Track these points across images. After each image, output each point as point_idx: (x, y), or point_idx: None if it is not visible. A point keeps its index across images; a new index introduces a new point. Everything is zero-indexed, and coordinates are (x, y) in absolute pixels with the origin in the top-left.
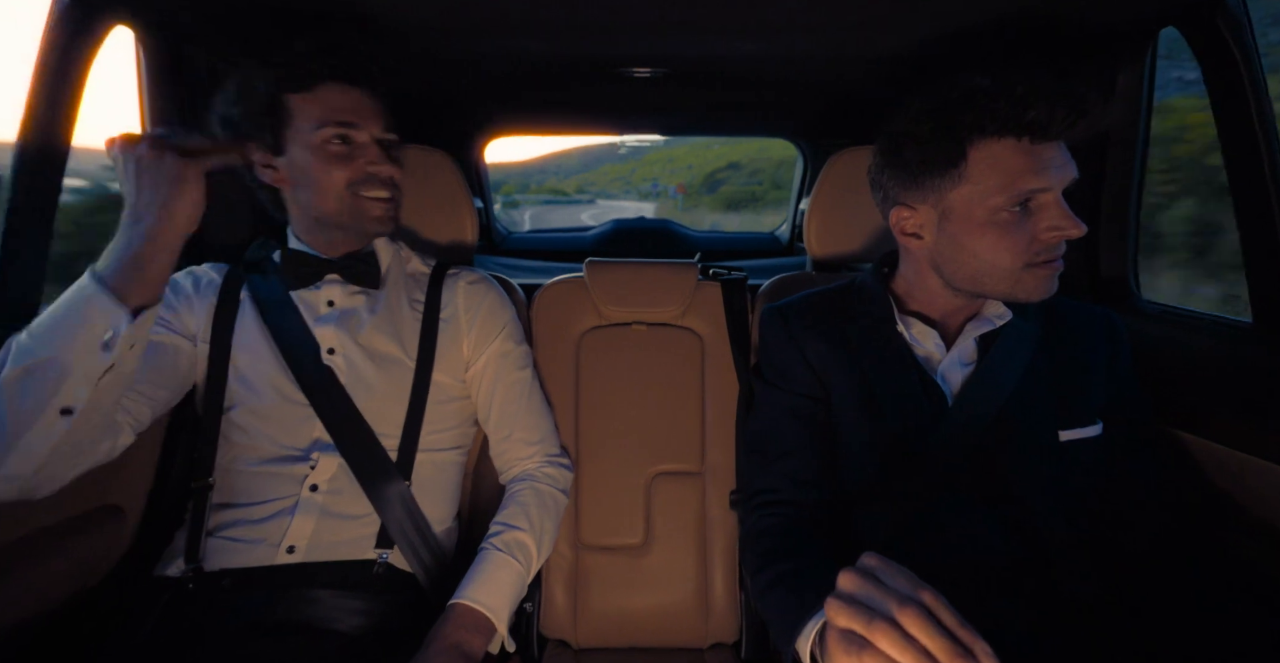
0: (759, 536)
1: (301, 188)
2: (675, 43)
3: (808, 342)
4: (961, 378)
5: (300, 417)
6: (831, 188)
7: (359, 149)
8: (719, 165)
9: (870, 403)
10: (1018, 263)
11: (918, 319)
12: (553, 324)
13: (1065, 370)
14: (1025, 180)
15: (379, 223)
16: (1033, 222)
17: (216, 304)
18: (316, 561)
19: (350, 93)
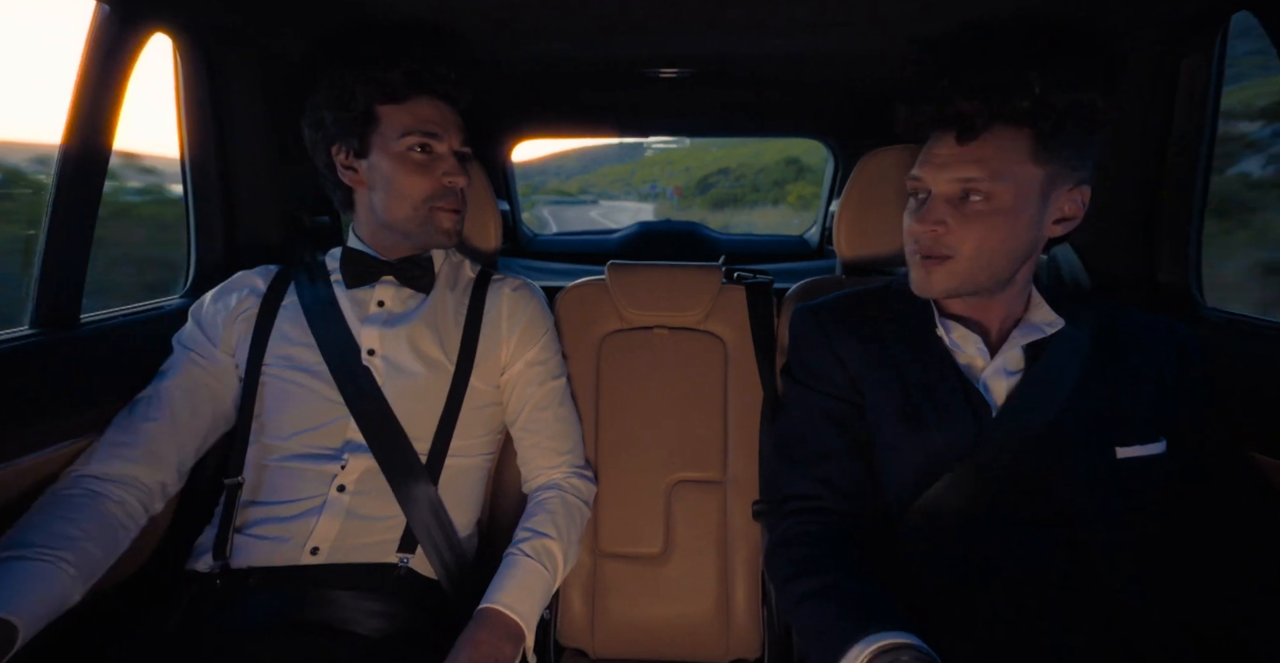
0: (791, 543)
1: (378, 191)
2: (702, 42)
3: (842, 342)
4: (1007, 387)
5: (335, 416)
6: (863, 188)
7: (438, 160)
8: (711, 171)
9: (909, 410)
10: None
11: (959, 324)
12: (574, 327)
13: (1123, 383)
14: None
15: (447, 235)
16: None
17: (260, 308)
18: (339, 562)
19: (437, 105)
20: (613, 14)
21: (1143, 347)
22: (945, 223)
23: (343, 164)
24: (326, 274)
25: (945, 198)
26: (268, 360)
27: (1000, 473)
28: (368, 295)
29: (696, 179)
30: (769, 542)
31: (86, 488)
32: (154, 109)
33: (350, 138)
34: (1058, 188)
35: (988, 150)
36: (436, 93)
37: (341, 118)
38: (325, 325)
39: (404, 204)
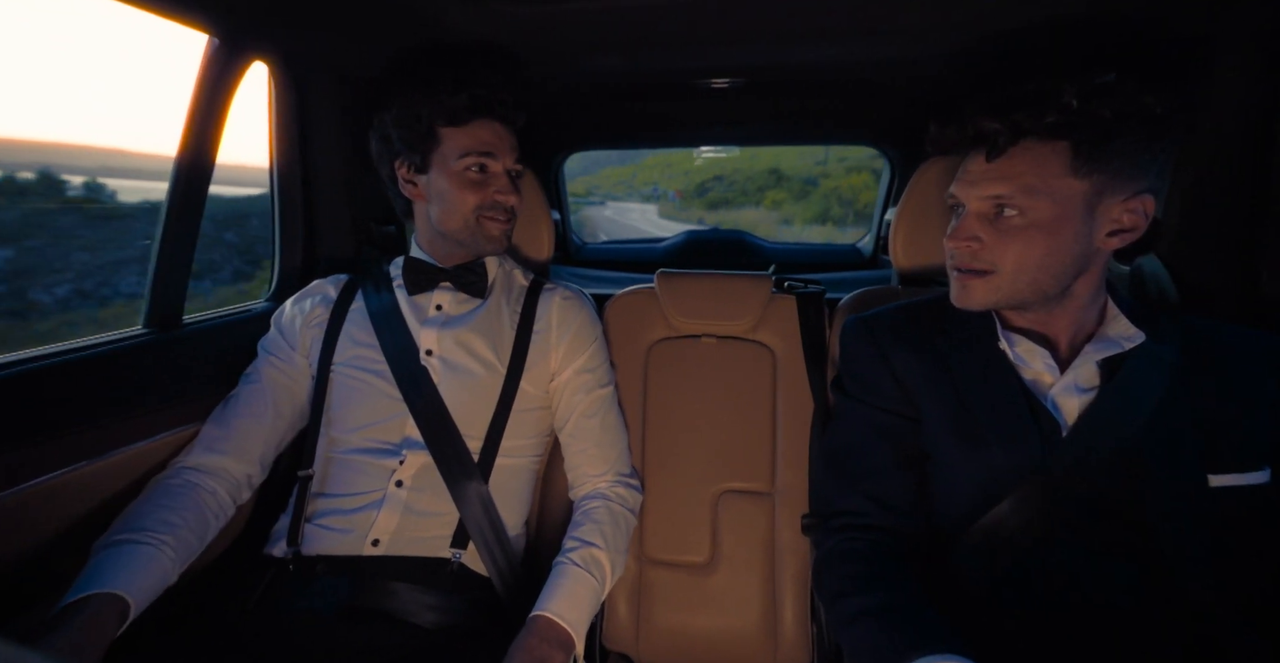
0: (841, 559)
1: (434, 204)
2: (755, 52)
3: (896, 355)
4: (1079, 405)
5: (395, 413)
6: (921, 197)
7: (492, 178)
8: (707, 177)
9: (968, 427)
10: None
11: (1024, 337)
12: (622, 334)
13: (1217, 404)
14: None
15: (494, 243)
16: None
17: (331, 313)
18: (397, 555)
19: (494, 128)
20: (665, 27)
21: (1240, 365)
22: (979, 239)
23: (404, 178)
24: (390, 281)
25: (979, 214)
26: (336, 361)
27: (1070, 495)
28: (427, 300)
29: (695, 183)
30: (817, 557)
31: (186, 479)
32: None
33: (413, 154)
34: (1107, 200)
35: (1019, 166)
36: (495, 115)
37: (406, 136)
38: (388, 329)
39: (456, 216)
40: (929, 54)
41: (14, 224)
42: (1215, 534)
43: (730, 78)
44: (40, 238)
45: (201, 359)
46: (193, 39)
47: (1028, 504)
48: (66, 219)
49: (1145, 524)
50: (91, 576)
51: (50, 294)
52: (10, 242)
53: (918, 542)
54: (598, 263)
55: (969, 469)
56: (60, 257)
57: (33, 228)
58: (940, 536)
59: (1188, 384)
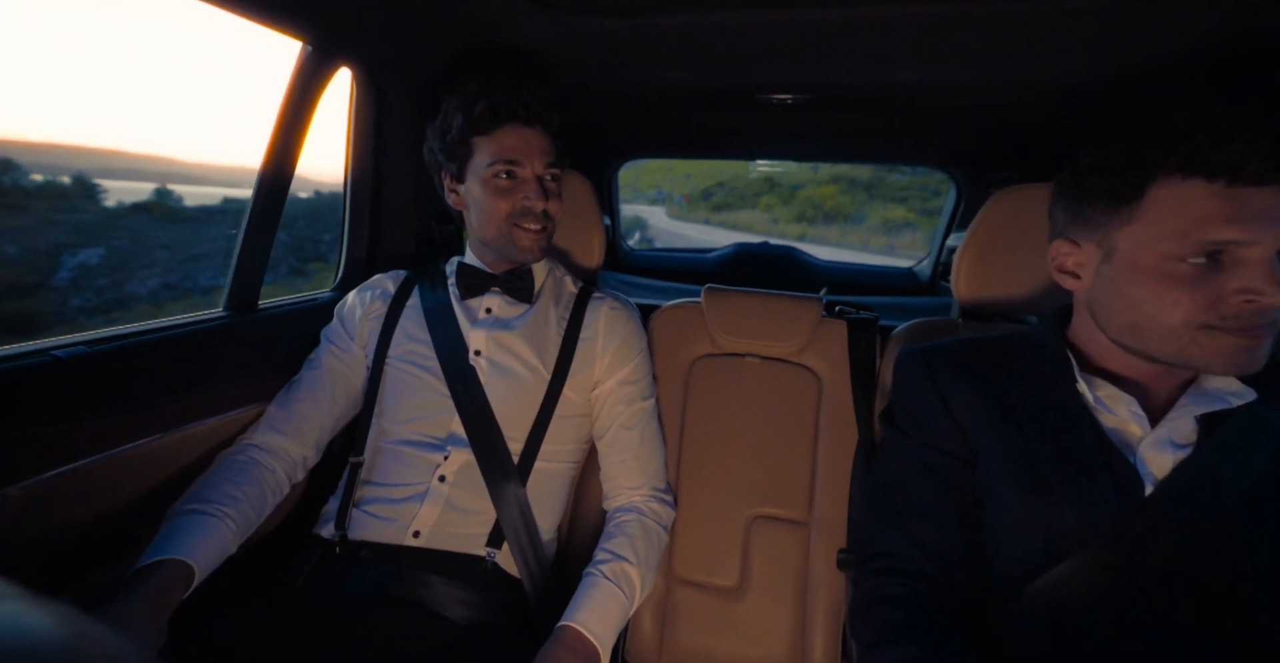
0: (879, 603)
1: (472, 212)
2: (822, 71)
3: (955, 391)
4: (1171, 463)
5: (442, 408)
6: (992, 227)
7: (521, 184)
8: (710, 183)
9: (1033, 476)
10: (1190, 322)
11: (1106, 381)
12: (666, 348)
13: None
14: (1213, 229)
15: (527, 252)
16: (1221, 279)
17: (388, 308)
18: (435, 548)
19: (522, 133)
20: (729, 46)
21: None
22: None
23: (448, 187)
24: (445, 281)
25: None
26: (391, 354)
27: (1151, 563)
28: (478, 303)
29: (700, 189)
30: (854, 598)
31: (250, 456)
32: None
33: (451, 164)
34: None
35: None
36: (520, 120)
37: (444, 147)
38: (441, 327)
39: (490, 223)
40: (1016, 81)
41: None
42: None
43: (794, 94)
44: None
45: (272, 343)
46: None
47: (1095, 566)
48: (135, 220)
49: (1247, 605)
50: (165, 541)
51: (143, 285)
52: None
53: (963, 596)
54: (646, 270)
55: (1029, 523)
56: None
57: (109, 229)
58: (991, 593)
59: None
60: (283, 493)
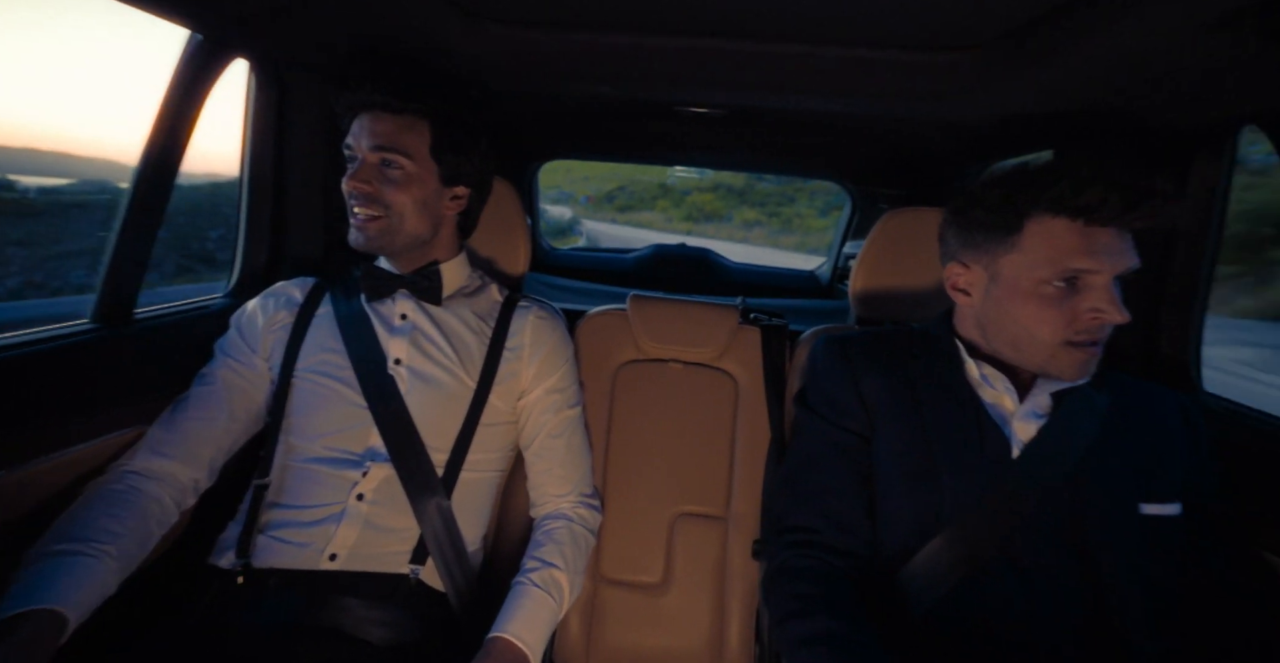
0: (790, 576)
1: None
2: (736, 94)
3: (866, 375)
4: (1035, 430)
5: (359, 421)
6: (884, 244)
7: (353, 165)
8: (611, 187)
9: (924, 449)
10: (1056, 338)
11: (989, 363)
12: (592, 354)
13: (1141, 444)
14: (1073, 259)
15: (358, 235)
16: (1076, 300)
17: (296, 317)
18: (354, 570)
19: (362, 120)
20: (647, 64)
21: (1157, 413)
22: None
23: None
24: (358, 287)
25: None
26: (300, 365)
27: (1016, 518)
28: (390, 308)
29: (603, 192)
30: (766, 571)
31: (129, 484)
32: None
33: (340, 157)
34: None
35: (1131, 238)
36: (364, 108)
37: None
38: (356, 335)
39: (344, 208)
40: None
41: None
42: (1148, 559)
43: (709, 108)
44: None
45: (151, 358)
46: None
47: (973, 527)
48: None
49: (1087, 547)
50: (31, 587)
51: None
52: None
53: (868, 561)
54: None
55: (919, 491)
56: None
57: None
58: (886, 557)
59: (1119, 425)
60: (170, 523)
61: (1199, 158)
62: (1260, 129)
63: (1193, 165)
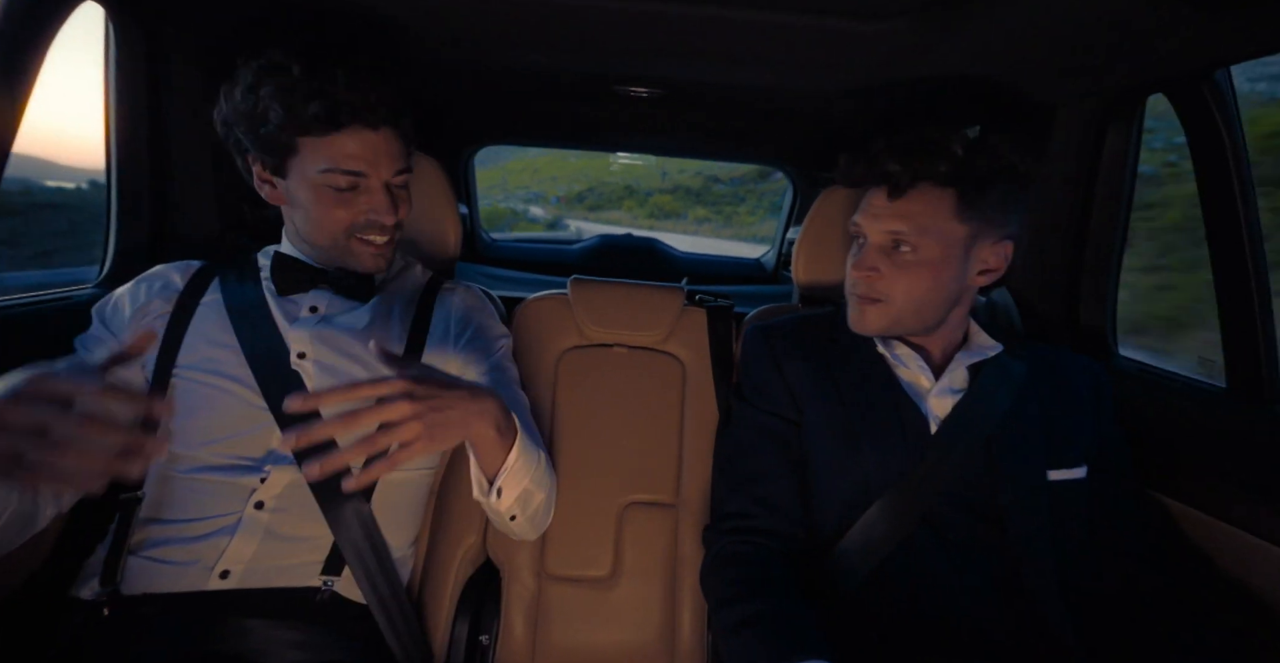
0: (726, 562)
1: (297, 213)
2: (673, 66)
3: (788, 362)
4: (951, 405)
5: (258, 423)
6: (822, 222)
7: (365, 194)
8: (582, 187)
9: (847, 430)
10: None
11: (903, 344)
12: (532, 341)
13: (1052, 412)
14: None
15: (369, 265)
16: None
17: (175, 306)
18: (252, 587)
19: (366, 137)
20: (586, 31)
21: (1069, 380)
22: (878, 270)
23: (259, 175)
24: (257, 274)
25: (878, 247)
26: (181, 363)
27: (932, 493)
28: (300, 301)
29: (574, 192)
30: (705, 560)
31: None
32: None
33: (265, 155)
34: (980, 243)
35: (915, 206)
36: (363, 123)
37: (255, 137)
38: (251, 326)
39: (323, 233)
40: (834, 88)
41: None
42: (1055, 523)
43: (648, 88)
44: None
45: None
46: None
47: (896, 504)
48: None
49: (999, 515)
50: None
51: None
52: None
53: (801, 543)
54: (508, 262)
55: (845, 470)
56: None
57: None
58: (820, 537)
59: (1033, 393)
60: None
61: (1110, 127)
62: (1166, 98)
63: (1106, 135)
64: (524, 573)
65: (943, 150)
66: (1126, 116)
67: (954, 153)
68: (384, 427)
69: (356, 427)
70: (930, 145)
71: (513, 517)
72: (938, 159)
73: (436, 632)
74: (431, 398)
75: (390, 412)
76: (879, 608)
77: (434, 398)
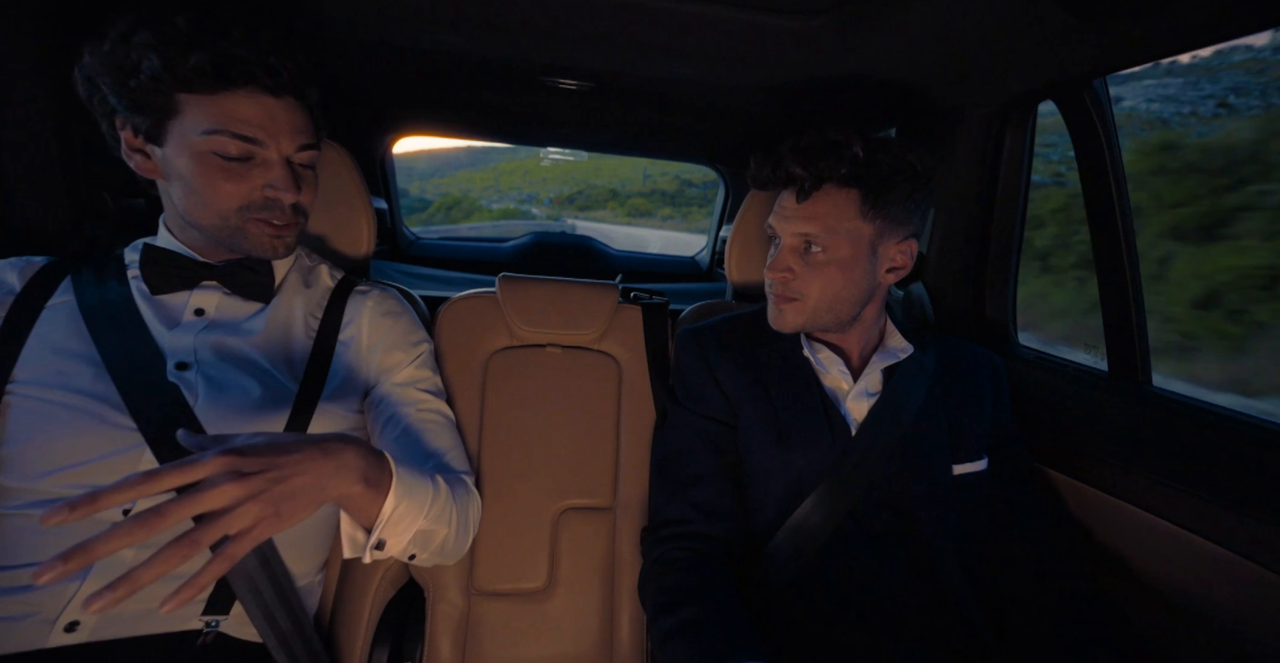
0: (664, 569)
1: (176, 188)
2: (602, 56)
3: (720, 365)
4: (866, 408)
5: (121, 446)
6: (752, 221)
7: (260, 167)
8: (574, 190)
9: (777, 432)
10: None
11: (825, 347)
12: (458, 342)
13: (957, 407)
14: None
15: (267, 251)
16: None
17: (7, 312)
18: (111, 638)
19: (262, 102)
20: (510, 13)
21: (972, 374)
22: (792, 270)
23: (130, 143)
24: (123, 271)
25: (791, 248)
26: (17, 377)
27: (857, 490)
28: (179, 301)
29: (565, 194)
30: (643, 567)
31: None
32: None
33: (137, 117)
34: (886, 241)
35: (822, 207)
36: (261, 86)
37: (126, 92)
38: (114, 332)
39: (209, 212)
40: (758, 85)
41: None
42: (959, 515)
43: (578, 80)
44: None
45: None
46: None
47: (825, 502)
48: None
49: (910, 511)
50: None
51: None
52: None
53: (736, 546)
54: (434, 261)
55: (776, 471)
56: None
57: None
58: (754, 537)
59: (941, 389)
60: None
61: (1007, 132)
62: (1055, 103)
63: (1003, 139)
64: (450, 591)
65: (844, 152)
66: (1021, 121)
67: (855, 154)
68: (204, 517)
69: (163, 528)
70: (832, 147)
71: (412, 556)
72: (840, 161)
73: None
74: (269, 469)
75: (212, 499)
76: (810, 600)
77: (272, 469)
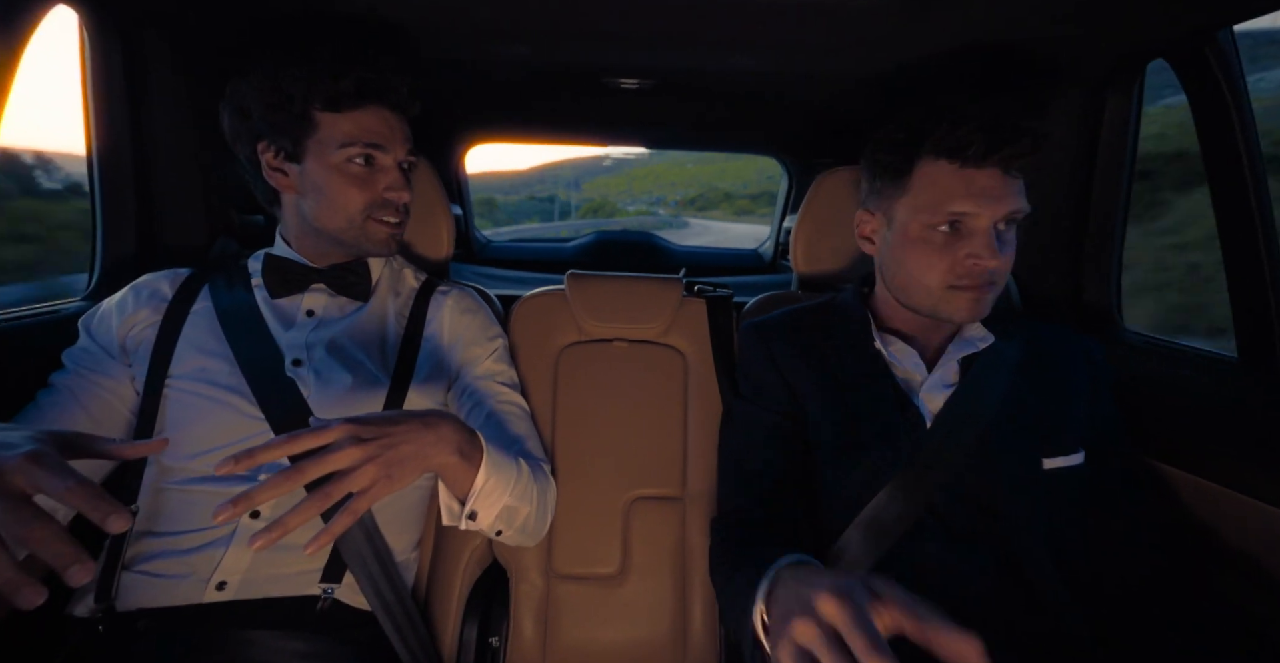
0: (725, 542)
1: (310, 198)
2: (666, 54)
3: (785, 359)
4: (943, 401)
5: (252, 432)
6: (819, 207)
7: (381, 172)
8: (695, 193)
9: (847, 425)
10: (940, 282)
11: (897, 337)
12: (530, 338)
13: (1047, 397)
14: (953, 202)
15: (383, 246)
16: (958, 245)
17: (164, 315)
18: (251, 598)
19: (384, 116)
20: (574, 20)
21: (1065, 363)
22: (999, 255)
23: (270, 164)
24: (248, 279)
25: (995, 230)
26: (173, 372)
27: (935, 486)
28: (294, 304)
29: (687, 197)
30: (710, 554)
31: None
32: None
33: (281, 139)
34: None
35: (1017, 184)
36: (385, 102)
37: (273, 116)
38: (245, 334)
39: (339, 216)
40: (829, 70)
41: None
42: (1050, 511)
43: (640, 79)
44: None
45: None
46: None
47: (898, 496)
48: None
49: (995, 507)
50: None
51: None
52: None
53: (805, 541)
54: (504, 262)
55: (848, 467)
56: None
57: None
58: (823, 533)
59: (1028, 379)
60: None
61: (1109, 97)
62: (1168, 63)
63: (1105, 105)
64: (531, 573)
65: (1024, 126)
66: (1126, 85)
67: (1031, 128)
68: (336, 475)
69: (303, 482)
70: (1022, 122)
71: (499, 532)
72: (1024, 134)
73: (445, 636)
74: (382, 437)
75: (339, 460)
76: None
77: (384, 436)
